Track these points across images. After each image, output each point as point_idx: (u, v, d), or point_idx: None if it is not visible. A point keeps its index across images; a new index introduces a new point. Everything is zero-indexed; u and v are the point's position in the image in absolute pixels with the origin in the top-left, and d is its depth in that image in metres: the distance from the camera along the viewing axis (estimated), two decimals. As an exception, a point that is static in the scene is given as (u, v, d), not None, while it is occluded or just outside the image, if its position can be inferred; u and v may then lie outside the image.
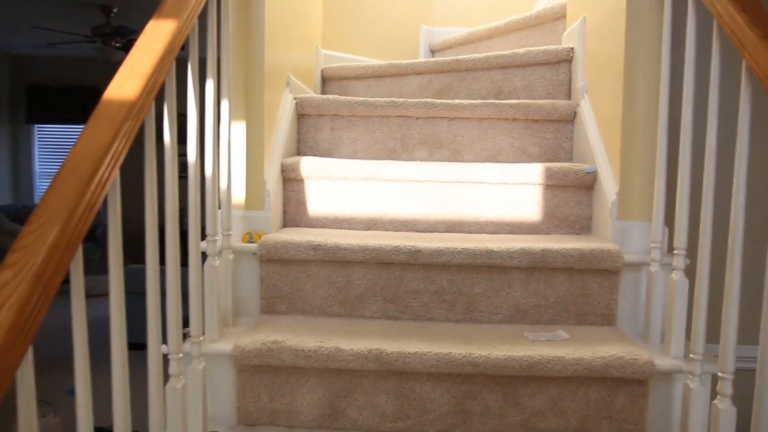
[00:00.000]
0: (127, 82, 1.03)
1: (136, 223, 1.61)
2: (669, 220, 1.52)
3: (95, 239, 7.08)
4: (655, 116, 1.59)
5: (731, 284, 1.23)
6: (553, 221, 1.89)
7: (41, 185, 8.44)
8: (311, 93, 2.37)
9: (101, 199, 0.92)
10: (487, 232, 1.88)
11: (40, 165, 8.42)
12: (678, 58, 1.53)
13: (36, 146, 8.40)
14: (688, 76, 1.42)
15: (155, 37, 1.12)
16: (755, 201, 1.71)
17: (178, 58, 1.18)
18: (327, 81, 2.59)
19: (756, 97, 1.20)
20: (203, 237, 1.46)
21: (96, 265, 6.60)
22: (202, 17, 1.36)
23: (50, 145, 8.45)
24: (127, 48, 6.37)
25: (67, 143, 8.45)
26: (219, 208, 1.55)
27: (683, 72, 1.44)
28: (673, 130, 1.52)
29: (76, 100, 8.12)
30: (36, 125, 8.33)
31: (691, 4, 1.43)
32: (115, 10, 6.05)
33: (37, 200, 8.28)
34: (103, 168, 0.92)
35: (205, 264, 1.45)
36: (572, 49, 2.15)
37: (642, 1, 1.65)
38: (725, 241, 1.28)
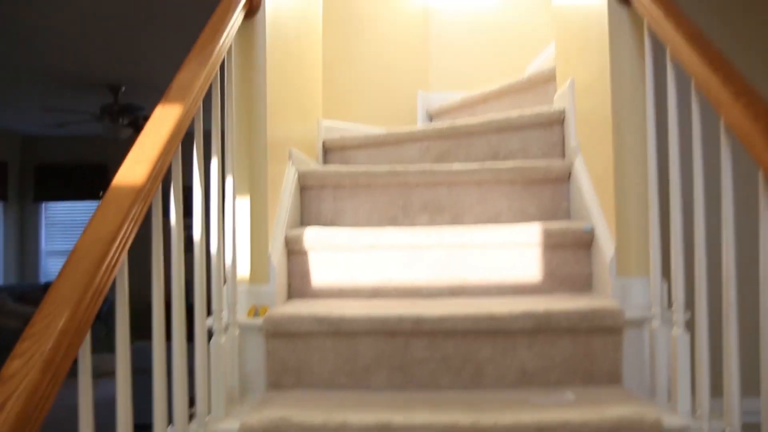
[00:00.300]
0: (135, 167, 1.08)
1: (142, 297, 1.64)
2: (667, 274, 1.54)
3: (100, 316, 7.07)
4: (646, 173, 1.63)
5: (729, 341, 1.24)
6: (554, 280, 1.90)
7: (48, 264, 8.49)
8: (314, 164, 2.44)
9: (110, 283, 0.96)
10: (490, 295, 1.90)
11: (47, 243, 8.52)
12: (664, 115, 1.58)
13: (43, 224, 8.51)
14: (673, 134, 1.47)
15: (162, 123, 1.18)
16: (750, 249, 1.73)
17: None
18: (329, 151, 2.66)
19: (735, 152, 1.24)
20: (209, 312, 1.48)
21: (101, 342, 6.57)
22: (207, 96, 1.43)
23: (57, 223, 8.56)
24: (134, 125, 6.56)
25: (74, 220, 8.56)
26: (224, 283, 1.58)
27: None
28: (664, 186, 1.55)
29: (84, 178, 8.29)
30: (44, 203, 8.46)
31: (669, 66, 1.49)
32: (123, 89, 6.26)
33: (42, 279, 8.33)
34: (112, 252, 0.95)
35: (212, 342, 1.47)
36: (563, 110, 2.22)
37: (625, 64, 1.72)
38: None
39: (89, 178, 8.27)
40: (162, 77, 5.66)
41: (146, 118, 6.59)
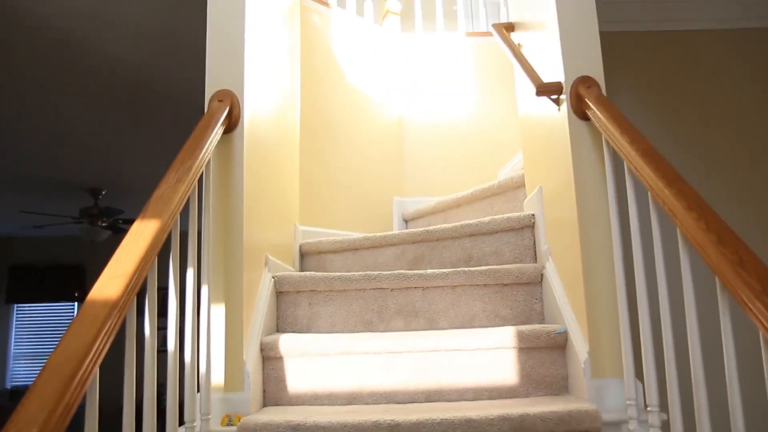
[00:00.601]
0: (110, 282, 1.10)
1: (113, 402, 1.60)
2: (641, 375, 1.56)
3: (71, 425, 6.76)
4: (614, 276, 1.69)
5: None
6: (530, 383, 1.90)
7: (16, 367, 8.20)
8: (290, 269, 2.47)
9: (80, 398, 0.95)
10: (466, 399, 1.89)
11: (16, 346, 8.26)
12: (628, 221, 1.65)
13: (14, 327, 8.29)
14: (636, 242, 1.54)
15: (139, 237, 1.21)
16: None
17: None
18: (305, 255, 2.70)
19: (693, 258, 1.30)
20: (181, 422, 1.45)
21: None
22: (186, 205, 1.48)
23: (28, 325, 8.35)
24: (112, 227, 6.58)
25: (46, 323, 8.37)
26: (198, 391, 1.56)
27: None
28: (633, 288, 1.60)
29: (59, 279, 8.18)
30: (15, 305, 8.28)
31: (628, 177, 1.58)
32: (103, 192, 6.33)
33: (9, 383, 8.02)
34: (84, 367, 0.96)
35: (183, 453, 1.44)
36: (533, 215, 2.30)
37: (588, 174, 1.81)
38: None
39: (65, 280, 8.17)
40: (142, 182, 5.79)
41: (125, 221, 6.61)
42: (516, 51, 2.33)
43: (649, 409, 1.48)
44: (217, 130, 1.70)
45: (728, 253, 1.10)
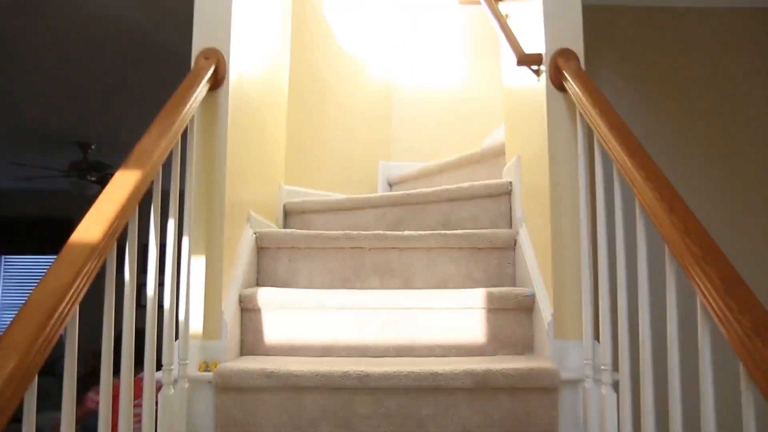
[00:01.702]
0: (91, 227, 1.16)
1: (94, 343, 1.68)
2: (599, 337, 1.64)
3: (56, 374, 6.89)
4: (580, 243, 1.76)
5: (646, 399, 1.33)
6: (498, 343, 1.99)
7: (3, 318, 8.30)
8: (273, 226, 2.53)
9: (60, 332, 1.02)
10: (436, 356, 1.98)
11: (3, 297, 8.34)
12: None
13: (2, 278, 8.35)
14: (600, 210, 1.61)
15: (120, 186, 1.27)
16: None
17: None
18: (289, 215, 2.75)
19: (649, 228, 1.37)
20: (159, 366, 1.53)
21: (55, 400, 6.39)
22: (169, 160, 1.53)
23: (16, 277, 8.41)
24: (102, 182, 6.60)
25: (34, 275, 8.43)
26: (177, 338, 1.63)
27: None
28: (596, 255, 1.68)
29: (48, 232, 8.21)
30: (3, 256, 8.33)
31: (597, 148, 1.64)
32: (92, 147, 6.33)
33: (-1, 332, 8.12)
34: (63, 304, 1.02)
35: (160, 393, 1.52)
36: (510, 183, 2.37)
37: (562, 143, 1.87)
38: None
39: (53, 233, 8.19)
40: (132, 137, 5.78)
41: (113, 175, 6.64)
42: (502, 21, 2.36)
43: (602, 367, 1.57)
44: (202, 88, 1.74)
45: (677, 222, 1.17)
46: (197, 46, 1.94)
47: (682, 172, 2.58)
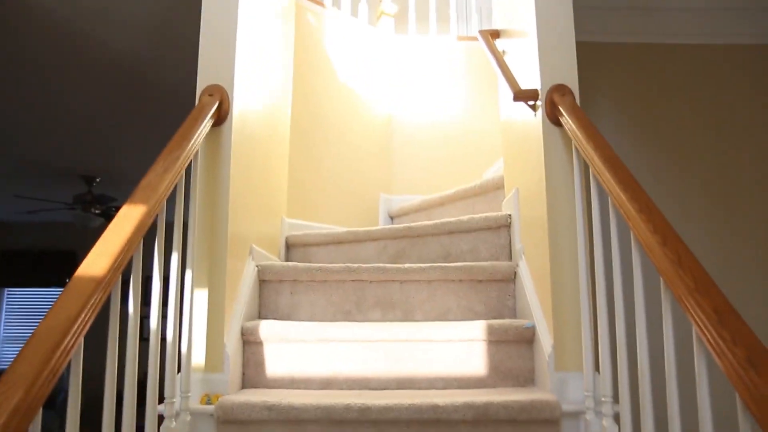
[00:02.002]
0: (97, 260, 1.19)
1: (99, 386, 1.69)
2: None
3: (55, 407, 6.84)
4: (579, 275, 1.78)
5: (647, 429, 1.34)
6: (498, 375, 2.00)
7: (5, 350, 8.27)
8: (275, 259, 2.55)
9: (65, 365, 1.04)
10: (436, 388, 1.98)
11: (6, 329, 8.32)
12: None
13: (4, 310, 8.35)
14: (597, 243, 1.63)
15: (126, 220, 1.30)
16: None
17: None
18: (291, 247, 2.78)
19: (645, 259, 1.39)
20: (162, 399, 1.54)
21: (53, 433, 6.34)
22: (173, 194, 1.56)
23: (19, 309, 8.41)
24: (106, 214, 6.65)
25: (37, 307, 8.43)
26: (179, 371, 1.64)
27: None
28: (595, 287, 1.69)
29: (51, 264, 8.24)
30: (6, 289, 8.34)
31: (593, 181, 1.67)
32: (97, 180, 6.40)
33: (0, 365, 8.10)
34: (69, 337, 1.04)
35: (162, 426, 1.52)
36: (509, 215, 2.39)
37: (559, 177, 1.90)
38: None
39: (56, 265, 8.22)
40: (136, 170, 5.86)
41: (118, 209, 6.70)
42: (498, 57, 2.42)
43: (603, 399, 1.58)
44: (206, 123, 1.78)
45: (669, 254, 1.19)
46: (201, 82, 1.99)
47: (676, 203, 2.61)
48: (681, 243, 1.21)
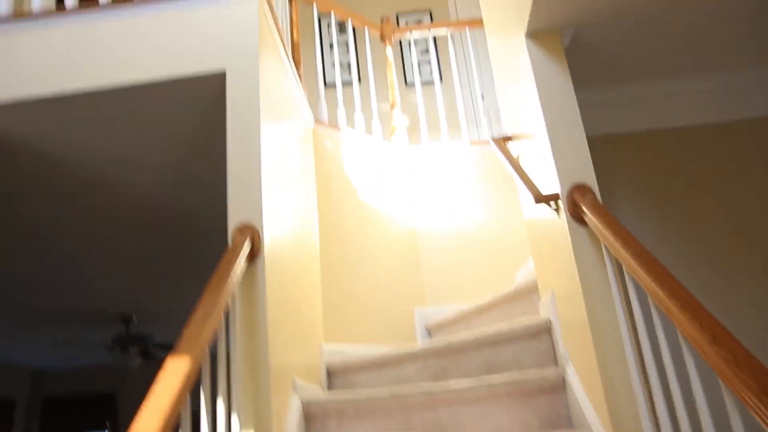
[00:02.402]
0: (149, 420, 1.19)
1: None
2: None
3: None
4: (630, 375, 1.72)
5: None
6: (563, 493, 1.89)
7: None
8: (317, 388, 2.52)
9: None
10: None
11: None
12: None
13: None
14: (644, 343, 1.60)
15: (172, 375, 1.31)
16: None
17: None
18: (332, 375, 2.75)
19: (696, 354, 1.35)
20: None
21: None
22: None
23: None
24: (144, 352, 6.67)
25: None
26: None
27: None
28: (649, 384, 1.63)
29: (91, 408, 8.20)
30: (48, 436, 8.27)
31: (628, 279, 1.66)
32: (134, 320, 6.47)
33: None
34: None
35: None
36: (548, 320, 2.36)
37: (593, 276, 1.89)
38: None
39: (96, 409, 8.18)
40: (170, 305, 5.95)
41: (156, 346, 6.70)
42: (514, 163, 2.49)
43: None
44: (240, 263, 1.83)
45: (722, 352, 1.16)
46: (233, 221, 2.07)
47: (710, 291, 2.54)
48: (733, 339, 1.18)
